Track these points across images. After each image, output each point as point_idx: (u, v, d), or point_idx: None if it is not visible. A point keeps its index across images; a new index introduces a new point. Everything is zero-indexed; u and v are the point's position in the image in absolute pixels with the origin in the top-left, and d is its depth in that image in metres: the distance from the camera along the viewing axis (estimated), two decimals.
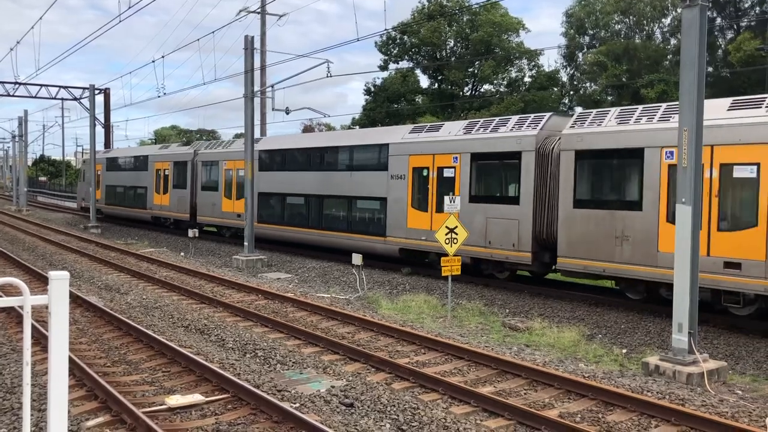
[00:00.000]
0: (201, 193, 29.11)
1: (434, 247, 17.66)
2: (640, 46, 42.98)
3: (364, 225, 20.65)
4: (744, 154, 12.04)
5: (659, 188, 13.41)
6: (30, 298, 2.84)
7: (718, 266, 12.37)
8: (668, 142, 13.08)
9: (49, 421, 2.88)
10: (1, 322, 12.43)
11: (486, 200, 17.03)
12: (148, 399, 8.31)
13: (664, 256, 13.05)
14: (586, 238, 14.50)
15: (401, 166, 19.23)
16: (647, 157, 13.55)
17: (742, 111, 12.44)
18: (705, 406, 8.33)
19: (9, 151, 77.07)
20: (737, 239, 12.14)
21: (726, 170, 12.40)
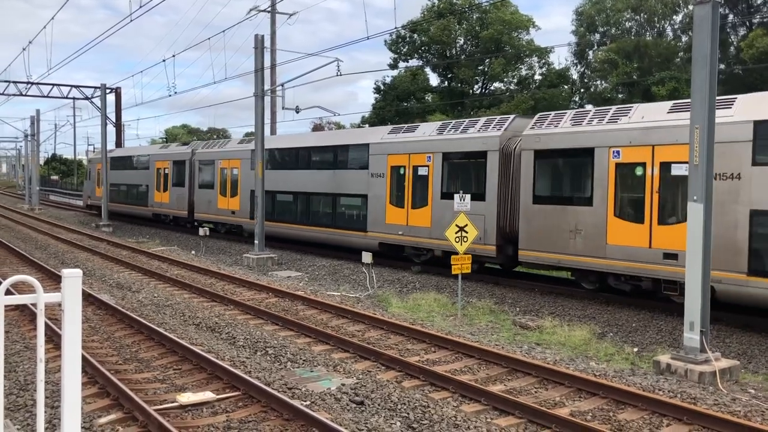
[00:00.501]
0: (198, 191, 30.15)
1: (410, 242, 19.30)
2: (651, 43, 42.73)
3: (346, 221, 21.64)
4: (680, 153, 12.80)
5: (608, 185, 14.35)
6: (43, 296, 2.86)
7: (659, 257, 13.34)
8: (616, 142, 14.19)
9: (63, 418, 2.90)
10: (14, 319, 12.54)
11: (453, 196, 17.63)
12: (159, 396, 8.35)
13: (612, 248, 14.16)
14: (544, 231, 15.46)
15: (380, 165, 20.25)
16: (597, 157, 14.53)
17: (679, 113, 13.32)
18: (717, 405, 8.29)
19: (21, 151, 77.65)
20: (675, 232, 13.00)
21: (665, 168, 13.39)
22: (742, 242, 12.21)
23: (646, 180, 13.65)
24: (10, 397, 8.22)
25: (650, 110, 14.20)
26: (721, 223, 12.20)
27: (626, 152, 14.07)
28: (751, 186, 12.13)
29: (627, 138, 14.08)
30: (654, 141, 13.51)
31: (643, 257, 13.53)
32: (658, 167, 13.49)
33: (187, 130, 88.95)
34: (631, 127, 14.04)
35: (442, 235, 16.72)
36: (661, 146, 13.43)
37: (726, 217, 12.34)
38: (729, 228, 12.34)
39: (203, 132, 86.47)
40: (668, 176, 13.33)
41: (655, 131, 13.54)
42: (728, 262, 12.28)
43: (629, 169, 14.09)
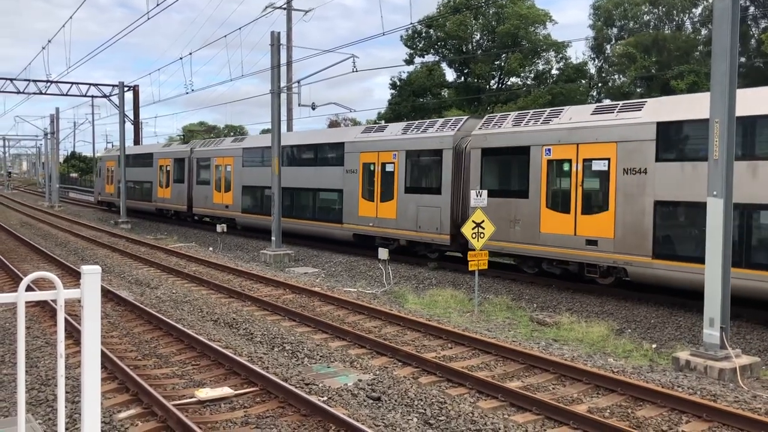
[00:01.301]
0: (196, 186, 32.10)
1: (379, 232, 20.99)
2: (669, 36, 42.27)
3: (325, 214, 23.36)
4: (599, 150, 14.76)
5: (541, 180, 16.01)
6: (63, 292, 2.89)
7: (582, 243, 15.08)
8: (547, 141, 15.85)
9: (83, 413, 2.93)
10: (35, 315, 12.69)
11: (417, 191, 19.70)
12: (178, 392, 8.42)
13: (544, 236, 15.85)
14: (498, 222, 16.51)
15: (354, 162, 21.92)
16: (532, 154, 16.16)
17: (600, 115, 15.08)
18: (737, 402, 8.20)
19: (41, 148, 78.51)
20: (596, 221, 14.81)
21: (587, 164, 15.05)
22: (647, 229, 13.89)
23: (572, 175, 15.33)
24: (32, 392, 8.33)
25: (577, 112, 15.84)
26: (631, 212, 14.13)
27: (556, 150, 15.72)
28: (654, 179, 13.78)
29: (557, 137, 15.67)
30: (578, 140, 15.19)
31: (569, 244, 15.38)
32: (581, 163, 15.15)
33: (204, 127, 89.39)
34: (560, 128, 15.64)
35: (406, 225, 19.64)
36: (584, 144, 15.05)
37: (635, 207, 14.08)
38: (637, 216, 14.04)
39: (220, 129, 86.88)
40: (590, 171, 15.02)
41: (579, 131, 15.18)
42: (637, 246, 13.99)
43: (558, 165, 15.77)
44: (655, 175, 13.78)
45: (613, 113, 14.89)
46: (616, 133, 14.53)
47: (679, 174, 13.47)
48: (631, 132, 14.10)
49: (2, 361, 9.84)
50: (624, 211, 14.32)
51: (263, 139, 28.68)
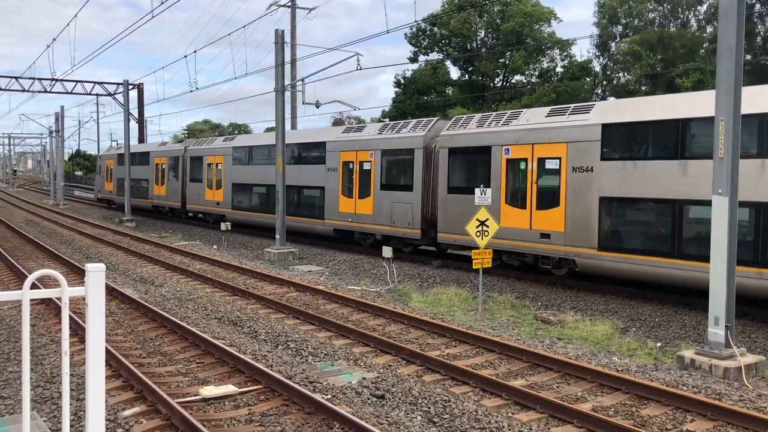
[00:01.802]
0: (190, 184, 33.31)
1: (357, 227, 22.14)
2: (675, 34, 42.13)
3: (308, 209, 24.55)
4: (552, 150, 15.83)
5: (501, 177, 17.11)
6: (68, 290, 2.89)
7: (537, 237, 16.16)
8: (506, 141, 16.95)
9: (87, 411, 2.94)
10: (40, 313, 12.73)
11: (391, 188, 20.82)
12: (182, 390, 8.44)
13: (504, 230, 16.56)
14: (456, 217, 18.02)
15: (334, 161, 23.01)
16: (493, 154, 17.26)
17: (554, 117, 16.09)
18: (743, 401, 8.18)
19: (46, 147, 78.73)
20: (549, 216, 15.91)
21: (541, 163, 16.11)
22: (593, 223, 14.92)
23: (528, 173, 16.41)
24: (37, 389, 8.36)
25: (534, 114, 16.94)
26: (579, 208, 15.18)
27: (514, 150, 16.82)
28: (600, 177, 14.82)
29: (514, 138, 16.77)
30: (533, 140, 16.26)
31: (526, 237, 16.48)
32: (536, 162, 16.23)
33: (208, 125, 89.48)
34: (518, 129, 16.75)
35: (381, 221, 20.91)
36: (538, 144, 16.15)
37: (583, 203, 15.12)
38: (585, 212, 15.08)
39: (225, 127, 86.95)
40: (543, 170, 16.08)
41: (534, 132, 16.25)
42: (585, 239, 15.06)
43: (516, 164, 16.84)
44: (600, 173, 14.84)
45: (565, 115, 15.94)
46: (567, 134, 15.55)
47: (621, 172, 14.48)
48: (580, 133, 15.19)
49: (8, 358, 9.88)
50: (573, 207, 15.39)
51: (252, 138, 30.42)
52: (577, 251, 15.22)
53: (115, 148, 48.31)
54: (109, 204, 46.14)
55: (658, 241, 13.85)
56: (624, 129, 14.59)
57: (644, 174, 14.02)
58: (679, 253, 13.40)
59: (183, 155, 34.16)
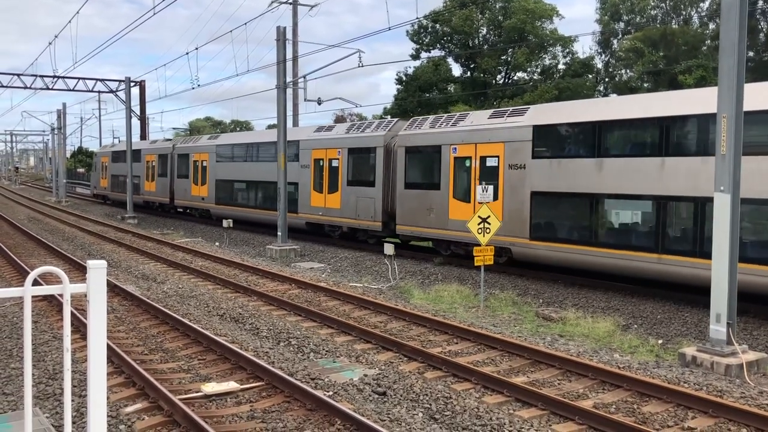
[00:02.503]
0: (177, 180, 34.77)
1: (327, 220, 23.57)
2: (678, 31, 42.02)
3: None
4: (492, 149, 17.31)
5: (449, 174, 18.52)
6: (69, 287, 2.90)
7: None
8: (454, 141, 18.35)
9: (89, 407, 2.95)
10: (43, 310, 12.75)
11: (357, 184, 22.13)
12: (184, 386, 8.45)
13: (452, 222, 18.30)
14: (412, 210, 19.72)
15: (307, 158, 24.42)
16: (443, 152, 18.68)
17: (494, 119, 17.56)
18: (744, 398, 8.18)
19: (48, 144, 78.76)
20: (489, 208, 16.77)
21: (483, 161, 17.54)
22: (526, 215, 16.36)
23: (472, 170, 17.87)
24: (39, 386, 8.38)
25: (478, 116, 18.42)
26: (514, 201, 16.64)
27: (460, 149, 18.21)
28: (531, 174, 16.26)
29: (460, 138, 18.17)
30: (476, 140, 17.69)
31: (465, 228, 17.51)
32: (478, 160, 17.64)
33: (210, 122, 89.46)
34: (464, 130, 18.14)
35: (348, 214, 22.37)
36: (481, 144, 17.57)
37: (517, 197, 16.56)
38: (519, 205, 16.52)
39: (226, 124, 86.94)
40: (485, 167, 17.48)
41: (477, 133, 17.70)
42: (519, 230, 16.48)
43: (461, 162, 18.21)
44: (531, 170, 16.31)
45: (503, 117, 17.39)
46: (504, 134, 17.03)
47: (548, 169, 15.92)
48: (515, 134, 16.72)
49: (10, 355, 9.90)
50: (509, 200, 16.88)
51: (235, 136, 32.43)
52: (513, 241, 16.73)
53: (109, 146, 49.63)
54: (105, 200, 47.39)
55: (579, 231, 15.31)
56: (551, 130, 16.14)
57: (567, 171, 15.56)
58: (596, 242, 14.92)
59: (171, 153, 35.39)
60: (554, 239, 15.80)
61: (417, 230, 19.68)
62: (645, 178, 14.00)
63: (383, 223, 21.24)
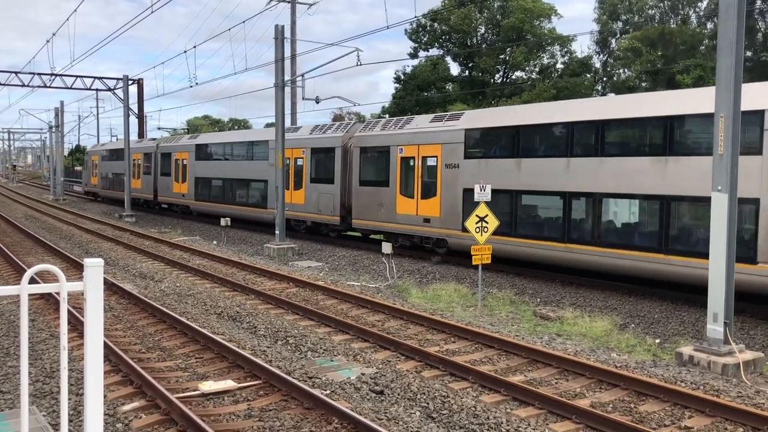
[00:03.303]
0: (160, 178, 36.64)
1: (293, 215, 25.15)
2: (676, 30, 42.06)
3: (255, 200, 27.91)
4: (432, 150, 19.21)
5: (396, 172, 20.37)
6: (66, 285, 2.89)
7: (421, 221, 19.49)
8: (400, 142, 20.34)
9: (86, 405, 2.94)
10: (40, 308, 12.74)
11: (319, 181, 24.04)
12: (181, 385, 8.45)
13: (399, 216, 20.27)
14: (366, 205, 21.55)
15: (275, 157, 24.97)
16: (391, 152, 20.54)
17: (435, 123, 19.50)
18: (741, 398, 8.19)
19: (46, 142, 78.63)
20: (429, 204, 19.20)
21: (424, 160, 19.43)
22: (459, 210, 18.13)
23: (415, 169, 19.73)
24: (36, 384, 8.37)
25: (421, 120, 20.38)
26: (450, 197, 18.49)
27: (406, 149, 20.02)
28: (463, 172, 18.09)
29: (406, 139, 20.03)
30: (419, 141, 19.56)
31: (414, 222, 19.80)
32: (421, 160, 19.53)
33: (208, 120, 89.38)
34: (409, 132, 20.02)
35: (311, 209, 24.46)
36: (423, 145, 19.45)
37: (452, 193, 18.42)
38: (453, 200, 18.40)
39: (224, 122, 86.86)
40: (426, 166, 19.35)
41: (419, 135, 19.60)
42: (453, 223, 18.37)
43: (407, 161, 20.03)
44: (463, 169, 18.15)
45: (442, 122, 19.29)
46: (442, 137, 18.87)
47: (477, 168, 17.76)
48: (451, 136, 18.58)
49: (7, 353, 9.89)
50: (446, 196, 18.72)
51: (214, 136, 34.98)
52: (448, 233, 18.74)
53: (99, 145, 52.69)
54: (96, 196, 49.42)
55: (503, 223, 16.28)
56: (479, 133, 18.11)
57: (492, 169, 17.44)
58: (516, 233, 16.80)
59: (155, 152, 37.15)
60: None
61: (370, 224, 21.59)
62: (554, 176, 15.92)
63: (341, 218, 23.13)
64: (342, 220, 23.12)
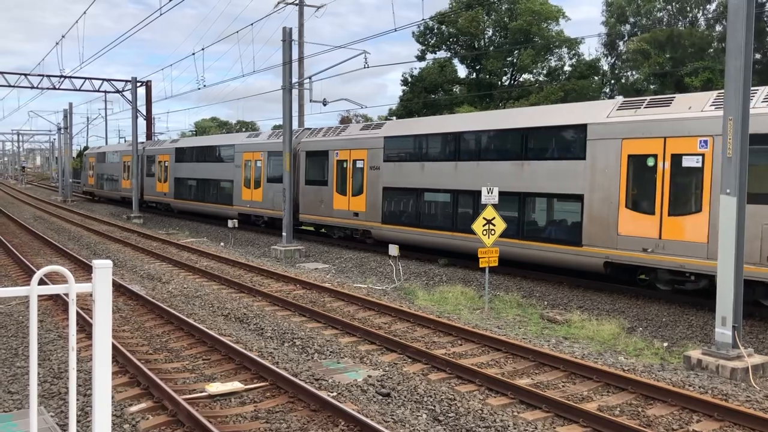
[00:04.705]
0: (146, 178, 39.88)
1: (253, 211, 28.51)
2: (685, 33, 41.88)
3: (222, 198, 31.08)
4: (360, 154, 22.15)
5: (333, 173, 23.32)
6: (75, 286, 2.90)
7: (351, 215, 22.56)
8: (337, 147, 23.21)
9: (94, 406, 2.95)
10: (48, 309, 12.79)
11: (274, 181, 26.67)
12: (188, 386, 8.47)
13: (335, 211, 23.17)
14: (310, 202, 24.70)
15: (240, 159, 29.54)
16: (330, 156, 23.58)
17: (363, 131, 22.59)
18: (749, 402, 8.15)
19: (55, 143, 78.94)
20: (358, 200, 22.28)
21: (354, 162, 22.48)
22: (379, 205, 21.24)
23: (347, 170, 22.63)
24: (45, 384, 8.40)
25: (354, 128, 23.72)
26: (373, 195, 21.49)
27: (341, 153, 22.98)
28: (383, 173, 21.15)
29: (341, 145, 23.06)
30: (351, 147, 22.60)
31: (346, 216, 22.77)
32: (351, 162, 22.54)
33: (216, 122, 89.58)
34: (343, 139, 23.09)
35: (268, 206, 27.27)
36: (353, 150, 22.48)
37: (375, 191, 21.43)
38: (376, 197, 21.35)
39: (232, 125, 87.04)
40: (355, 168, 22.35)
41: (351, 141, 22.65)
42: (375, 216, 21.38)
43: (341, 164, 22.98)
44: (383, 171, 21.20)
45: (369, 130, 22.37)
46: (368, 143, 21.84)
47: (393, 170, 20.90)
48: (374, 143, 21.65)
49: (16, 353, 9.94)
50: (370, 194, 21.67)
51: (190, 140, 38.53)
52: (372, 225, 21.70)
53: (96, 148, 56.39)
54: (92, 196, 52.56)
55: (410, 216, 20.17)
56: (394, 140, 21.12)
57: (404, 171, 20.54)
58: (420, 224, 19.82)
59: (141, 154, 40.17)
60: (396, 223, 20.75)
61: (314, 218, 24.69)
62: (447, 177, 18.98)
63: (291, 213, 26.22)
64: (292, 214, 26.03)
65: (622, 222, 14.29)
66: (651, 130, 13.86)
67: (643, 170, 14.05)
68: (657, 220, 13.77)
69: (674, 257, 13.45)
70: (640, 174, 14.15)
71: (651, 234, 13.83)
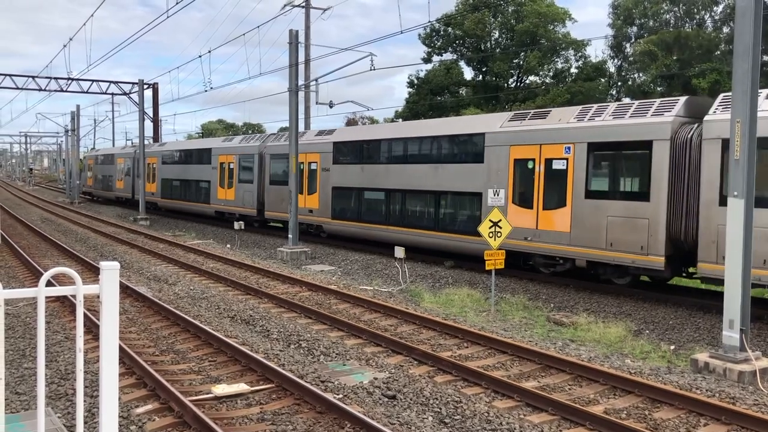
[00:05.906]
0: (137, 179, 41.75)
1: (226, 209, 31.35)
2: (692, 34, 41.75)
3: (201, 197, 33.94)
4: (314, 157, 24.88)
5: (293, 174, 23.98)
6: (82, 288, 2.92)
7: (307, 212, 24.83)
8: (301, 151, 24.13)
9: (101, 407, 2.96)
10: (56, 310, 12.84)
11: (244, 182, 29.68)
12: (195, 388, 8.48)
13: (300, 210, 23.91)
14: (275, 201, 27.15)
15: (215, 161, 32.34)
16: (289, 158, 23.75)
17: (318, 137, 25.30)
18: (757, 405, 8.11)
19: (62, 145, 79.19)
20: (311, 199, 24.88)
21: (310, 165, 25.08)
22: (329, 203, 23.88)
23: (304, 171, 25.22)
24: (52, 386, 8.43)
25: (310, 134, 26.22)
26: (325, 193, 24.12)
27: (301, 156, 24.61)
28: (333, 174, 23.81)
29: (300, 149, 23.96)
30: (306, 150, 24.88)
31: (303, 213, 24.51)
32: (307, 164, 25.09)
33: (223, 125, 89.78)
34: (302, 143, 24.55)
35: (238, 204, 30.11)
36: (309, 153, 24.97)
37: (326, 190, 24.10)
38: (327, 196, 24.08)
39: (239, 127, 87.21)
40: (309, 169, 24.99)
41: (308, 145, 25.01)
42: (326, 213, 24.10)
43: (300, 165, 24.54)
44: (333, 172, 23.86)
45: (322, 135, 24.99)
46: (321, 147, 24.52)
47: (340, 171, 23.52)
48: (325, 147, 24.36)
49: (23, 355, 9.98)
50: (323, 193, 24.34)
51: (175, 144, 41.25)
52: (323, 221, 24.33)
53: (95, 150, 60.54)
54: (91, 196, 55.03)
55: (353, 212, 22.83)
56: (341, 145, 23.72)
57: (348, 172, 23.09)
58: (361, 219, 22.41)
59: (134, 156, 42.44)
60: (343, 218, 23.36)
61: (277, 215, 26.96)
62: (380, 177, 21.78)
63: (258, 210, 28.72)
64: (258, 212, 28.73)
65: (510, 215, 16.61)
66: (531, 138, 16.68)
67: (525, 172, 16.89)
68: (534, 213, 16.59)
69: (547, 244, 16.30)
70: (522, 175, 16.98)
71: (530, 225, 16.63)
